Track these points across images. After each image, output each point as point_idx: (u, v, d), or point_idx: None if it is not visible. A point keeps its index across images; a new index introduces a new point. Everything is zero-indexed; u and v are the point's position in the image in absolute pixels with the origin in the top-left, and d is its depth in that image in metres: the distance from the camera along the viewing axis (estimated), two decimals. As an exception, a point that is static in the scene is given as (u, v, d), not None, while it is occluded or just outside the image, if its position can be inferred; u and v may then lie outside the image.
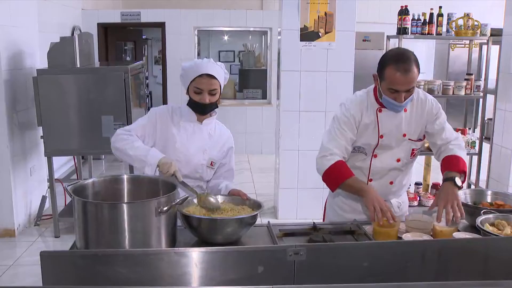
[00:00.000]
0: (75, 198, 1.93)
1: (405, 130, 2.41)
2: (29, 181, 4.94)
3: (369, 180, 2.49)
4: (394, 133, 2.41)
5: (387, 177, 2.48)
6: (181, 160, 2.47)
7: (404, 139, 2.42)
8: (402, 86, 2.24)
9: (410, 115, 2.42)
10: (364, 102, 2.44)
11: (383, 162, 2.46)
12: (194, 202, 2.28)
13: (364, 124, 2.42)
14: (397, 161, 2.46)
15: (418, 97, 2.44)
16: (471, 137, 5.11)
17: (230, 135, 2.67)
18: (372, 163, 2.47)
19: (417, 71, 2.25)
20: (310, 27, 4.73)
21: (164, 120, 2.49)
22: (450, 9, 5.18)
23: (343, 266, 1.82)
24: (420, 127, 2.44)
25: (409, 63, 2.22)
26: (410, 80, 2.23)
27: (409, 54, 2.28)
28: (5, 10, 4.52)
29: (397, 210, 2.55)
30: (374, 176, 2.48)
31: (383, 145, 2.44)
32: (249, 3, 9.07)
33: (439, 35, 5.00)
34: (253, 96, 8.71)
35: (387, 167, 2.46)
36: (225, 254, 1.77)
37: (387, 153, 2.45)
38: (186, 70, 2.46)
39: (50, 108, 4.40)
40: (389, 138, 2.42)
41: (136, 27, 8.78)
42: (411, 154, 2.47)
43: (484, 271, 1.93)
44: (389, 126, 2.41)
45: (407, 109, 2.40)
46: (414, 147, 2.46)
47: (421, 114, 2.43)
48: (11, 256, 4.22)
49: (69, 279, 1.75)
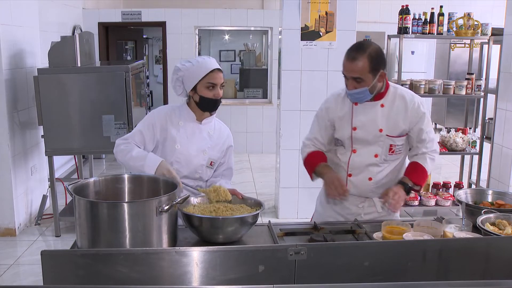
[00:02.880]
0: (76, 197, 1.93)
1: (381, 126, 2.43)
2: (30, 180, 4.94)
3: (348, 175, 2.52)
4: (368, 127, 2.44)
5: (365, 172, 2.50)
6: (181, 161, 2.47)
7: (381, 134, 2.44)
8: (347, 72, 2.33)
9: (389, 110, 2.44)
10: (341, 95, 2.53)
11: (361, 157, 2.49)
12: (193, 202, 2.28)
13: (339, 117, 2.50)
14: (374, 156, 2.47)
15: (399, 94, 2.47)
16: (472, 136, 5.11)
17: (230, 133, 2.67)
18: (351, 158, 2.50)
19: (367, 64, 2.28)
20: (310, 27, 4.73)
21: (163, 122, 2.49)
22: (451, 9, 5.18)
23: (343, 265, 1.82)
24: (401, 124, 2.45)
25: (358, 52, 2.29)
26: (354, 68, 2.29)
27: (367, 46, 2.32)
28: (6, 9, 4.52)
29: (380, 210, 2.56)
30: (353, 171, 2.51)
31: (359, 139, 2.47)
32: (250, 3, 9.07)
33: (439, 34, 5.00)
34: (253, 96, 8.72)
35: (365, 162, 2.49)
36: (226, 253, 1.77)
37: (365, 149, 2.48)
38: (191, 69, 2.44)
39: (51, 107, 4.40)
40: (364, 132, 2.45)
41: (136, 26, 8.78)
42: (389, 150, 2.47)
43: (485, 271, 1.93)
44: (363, 120, 2.44)
45: (384, 104, 2.44)
46: (392, 143, 2.46)
47: (403, 112, 2.44)
48: (12, 255, 4.22)
49: (70, 278, 1.75)
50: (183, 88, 2.52)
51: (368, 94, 2.36)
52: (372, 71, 2.30)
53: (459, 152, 5.11)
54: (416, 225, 2.21)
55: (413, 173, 2.45)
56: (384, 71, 2.36)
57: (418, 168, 2.46)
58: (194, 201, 2.29)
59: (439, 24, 4.94)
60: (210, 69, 2.43)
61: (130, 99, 4.49)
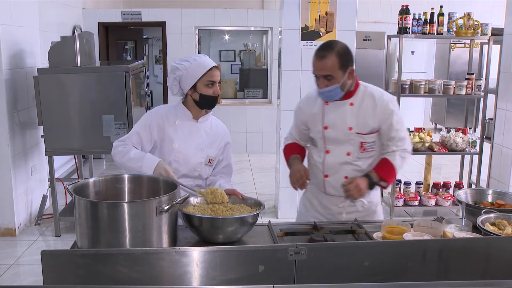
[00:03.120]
0: (76, 197, 1.93)
1: (351, 124, 2.46)
2: (30, 180, 4.94)
3: (324, 176, 2.56)
4: (339, 126, 2.48)
5: (341, 172, 2.52)
6: (179, 160, 2.48)
7: (351, 132, 2.47)
8: (316, 70, 2.38)
9: (358, 109, 2.47)
10: (314, 94, 2.58)
11: (334, 157, 2.52)
12: (193, 202, 2.28)
13: (311, 115, 2.56)
14: (347, 154, 2.50)
15: (368, 92, 2.49)
16: (472, 136, 5.11)
17: (226, 129, 2.69)
18: (325, 159, 2.54)
19: (336, 61, 2.33)
20: (310, 27, 4.73)
21: (159, 122, 2.50)
22: (451, 9, 5.18)
23: (343, 265, 1.82)
24: (370, 121, 2.46)
25: (327, 50, 2.34)
26: (323, 66, 2.34)
27: (334, 44, 2.38)
28: (6, 9, 4.52)
29: (360, 208, 2.57)
30: (329, 171, 2.54)
31: (331, 139, 2.51)
32: (250, 3, 9.07)
33: (439, 34, 5.00)
34: (253, 96, 8.72)
35: (339, 161, 2.52)
36: (226, 253, 1.77)
37: (337, 148, 2.51)
38: (190, 68, 2.46)
39: (51, 107, 4.40)
40: (335, 130, 2.49)
41: (136, 26, 8.78)
42: (360, 148, 2.49)
43: (485, 271, 1.93)
44: (333, 119, 2.49)
45: (354, 103, 2.47)
46: (362, 140, 2.48)
47: (372, 110, 2.46)
48: (12, 255, 4.22)
49: (70, 278, 1.75)
50: (179, 87, 2.52)
51: (339, 91, 2.40)
52: (342, 68, 2.35)
53: (459, 152, 5.11)
54: (416, 225, 2.21)
55: (381, 169, 2.46)
56: (353, 68, 2.42)
57: (386, 164, 2.46)
58: (194, 201, 2.29)
59: (439, 24, 4.94)
60: (209, 67, 2.46)
61: (130, 99, 4.49)
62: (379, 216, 2.66)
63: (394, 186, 5.08)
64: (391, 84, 5.34)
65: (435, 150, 4.98)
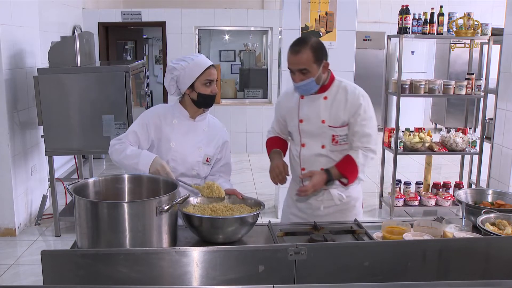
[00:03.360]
0: (76, 197, 1.93)
1: (324, 117, 2.50)
2: (30, 180, 4.94)
3: (302, 169, 2.60)
4: (313, 119, 2.53)
5: (317, 164, 2.55)
6: (177, 159, 2.49)
7: (324, 125, 2.51)
8: (291, 65, 2.42)
9: (331, 102, 2.51)
10: (291, 89, 2.63)
11: (310, 150, 2.57)
12: (193, 202, 2.28)
13: (289, 109, 2.63)
14: (322, 147, 2.55)
15: (342, 86, 2.53)
16: (472, 136, 5.11)
17: (224, 128, 2.70)
18: (301, 153, 2.59)
19: (311, 54, 2.38)
20: (311, 27, 4.73)
21: (156, 121, 2.51)
22: (451, 9, 5.18)
23: (343, 265, 1.83)
24: (341, 115, 2.50)
25: (301, 45, 2.39)
26: (298, 60, 2.38)
27: (308, 39, 2.43)
28: (6, 9, 4.52)
29: (338, 202, 2.58)
30: (305, 164, 2.59)
31: (306, 132, 2.56)
32: (250, 3, 9.08)
33: (439, 34, 5.00)
34: (253, 96, 8.72)
35: (314, 153, 2.56)
36: (226, 253, 1.77)
37: (312, 141, 2.56)
38: (187, 67, 2.46)
39: (51, 107, 4.40)
40: (309, 124, 2.54)
41: (136, 26, 8.78)
42: (332, 141, 2.52)
43: (485, 271, 1.93)
44: (308, 112, 2.54)
45: (327, 97, 2.52)
46: (334, 133, 2.51)
47: (343, 103, 2.49)
48: (12, 255, 4.22)
49: (70, 278, 1.75)
50: (176, 87, 2.53)
51: (314, 85, 2.45)
52: (316, 61, 2.40)
53: (459, 152, 5.11)
54: (416, 225, 2.21)
55: (342, 165, 2.47)
56: (327, 62, 2.46)
57: (348, 160, 2.47)
58: (194, 201, 2.29)
59: (439, 24, 4.94)
60: (206, 66, 2.47)
61: (130, 99, 4.49)
62: (359, 212, 2.66)
63: (394, 186, 5.09)
64: (391, 84, 5.34)
65: (435, 150, 4.98)
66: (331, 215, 2.59)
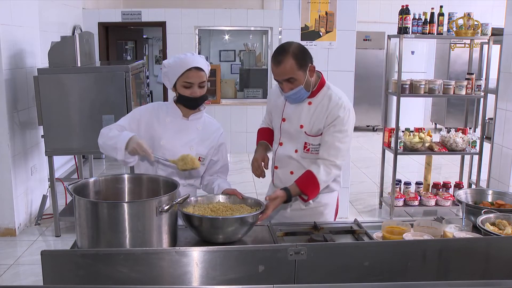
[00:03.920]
0: (76, 197, 1.93)
1: (303, 122, 2.49)
2: (30, 180, 4.94)
3: (275, 167, 2.63)
4: (293, 121, 2.52)
5: (288, 166, 2.56)
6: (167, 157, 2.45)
7: (301, 130, 2.50)
8: (276, 76, 2.38)
9: (314, 109, 2.47)
10: None
11: (285, 150, 2.57)
12: (193, 202, 2.28)
13: (276, 105, 2.64)
14: (295, 151, 2.53)
15: (327, 94, 2.48)
16: (472, 136, 5.11)
17: (220, 129, 2.63)
18: (277, 151, 2.61)
19: (293, 63, 2.31)
20: (310, 27, 4.73)
21: (149, 119, 2.48)
22: (451, 9, 5.18)
23: (343, 265, 1.83)
24: (319, 123, 2.46)
25: (282, 55, 2.33)
26: (282, 71, 2.34)
27: (288, 47, 2.35)
28: (6, 9, 4.52)
29: (303, 206, 2.56)
30: (278, 163, 2.61)
31: (285, 132, 2.56)
32: (250, 3, 9.08)
33: (439, 34, 5.00)
34: (253, 96, 8.72)
35: (286, 155, 2.56)
36: (226, 253, 1.77)
37: (289, 142, 2.56)
38: (172, 66, 2.42)
39: (51, 107, 4.40)
40: (289, 125, 2.54)
41: (136, 26, 8.79)
42: (304, 148, 2.50)
43: (484, 271, 1.93)
44: (290, 113, 2.53)
45: (312, 103, 2.49)
46: (307, 141, 2.49)
47: (324, 111, 2.46)
48: (12, 255, 4.22)
49: (70, 278, 1.75)
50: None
51: (304, 92, 2.42)
52: (301, 68, 2.35)
53: (459, 152, 5.11)
54: (416, 225, 2.21)
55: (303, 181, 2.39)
56: (313, 65, 2.40)
57: (309, 177, 2.38)
58: (194, 201, 2.29)
59: (439, 24, 4.94)
60: (186, 68, 2.38)
61: (130, 99, 4.49)
62: (327, 219, 2.61)
63: (394, 186, 5.09)
64: (391, 84, 5.34)
65: (435, 150, 4.98)
66: (296, 218, 2.56)
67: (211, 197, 2.35)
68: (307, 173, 2.40)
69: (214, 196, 2.35)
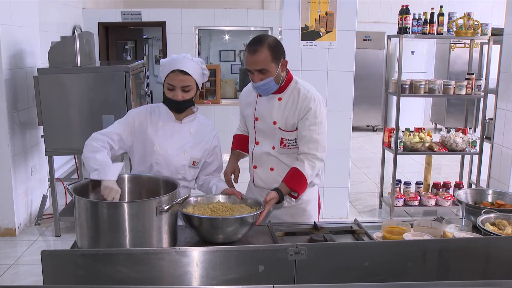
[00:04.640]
0: (76, 197, 1.93)
1: (276, 118, 2.49)
2: (30, 180, 4.94)
3: (254, 167, 2.63)
4: (266, 119, 2.52)
5: (267, 163, 2.57)
6: (160, 162, 2.41)
7: (275, 127, 2.50)
8: (250, 65, 2.39)
9: (285, 104, 2.49)
10: (250, 86, 2.63)
11: (262, 148, 2.58)
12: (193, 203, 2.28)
13: (247, 106, 2.64)
14: (272, 148, 2.55)
15: (296, 88, 2.49)
16: (472, 136, 5.11)
17: (214, 131, 2.58)
18: (254, 150, 2.61)
19: (268, 54, 2.34)
20: (311, 27, 4.73)
21: (142, 122, 2.43)
22: (451, 9, 5.18)
23: (343, 265, 1.83)
24: (291, 118, 2.47)
25: (258, 45, 2.35)
26: (256, 60, 2.35)
27: (265, 38, 2.38)
28: (6, 9, 4.52)
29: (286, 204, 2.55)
30: (257, 162, 2.61)
31: (260, 130, 2.57)
32: (250, 3, 9.08)
33: (439, 34, 5.00)
34: (253, 96, 8.70)
35: (264, 152, 2.57)
36: (226, 253, 1.77)
37: (265, 140, 2.57)
38: (163, 65, 2.42)
39: (51, 107, 4.40)
40: (263, 123, 2.54)
41: (136, 26, 8.78)
42: (280, 144, 2.52)
43: (484, 271, 1.93)
44: (262, 111, 2.54)
45: (282, 98, 2.49)
46: (282, 136, 2.50)
47: (295, 105, 2.47)
48: (12, 255, 4.22)
49: (70, 278, 1.75)
50: None
51: (274, 84, 2.42)
52: (274, 60, 2.37)
53: (459, 152, 5.11)
54: (416, 225, 2.21)
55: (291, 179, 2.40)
56: (285, 60, 2.43)
57: (296, 174, 2.41)
58: (194, 201, 2.29)
59: (439, 24, 4.94)
60: (170, 70, 2.36)
61: (130, 99, 4.49)
62: (311, 216, 2.61)
63: (394, 186, 5.09)
64: (391, 84, 5.34)
65: (435, 150, 4.98)
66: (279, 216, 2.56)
67: (211, 197, 2.35)
68: (293, 171, 2.42)
69: (214, 196, 2.35)
